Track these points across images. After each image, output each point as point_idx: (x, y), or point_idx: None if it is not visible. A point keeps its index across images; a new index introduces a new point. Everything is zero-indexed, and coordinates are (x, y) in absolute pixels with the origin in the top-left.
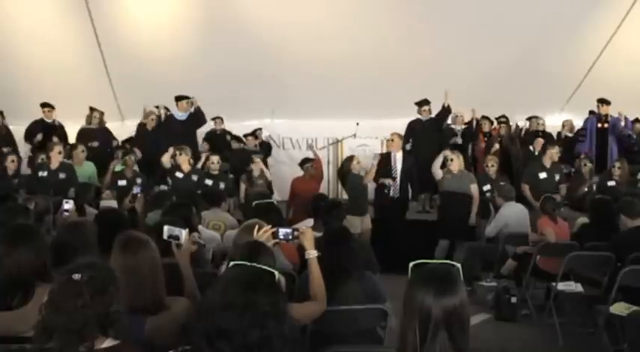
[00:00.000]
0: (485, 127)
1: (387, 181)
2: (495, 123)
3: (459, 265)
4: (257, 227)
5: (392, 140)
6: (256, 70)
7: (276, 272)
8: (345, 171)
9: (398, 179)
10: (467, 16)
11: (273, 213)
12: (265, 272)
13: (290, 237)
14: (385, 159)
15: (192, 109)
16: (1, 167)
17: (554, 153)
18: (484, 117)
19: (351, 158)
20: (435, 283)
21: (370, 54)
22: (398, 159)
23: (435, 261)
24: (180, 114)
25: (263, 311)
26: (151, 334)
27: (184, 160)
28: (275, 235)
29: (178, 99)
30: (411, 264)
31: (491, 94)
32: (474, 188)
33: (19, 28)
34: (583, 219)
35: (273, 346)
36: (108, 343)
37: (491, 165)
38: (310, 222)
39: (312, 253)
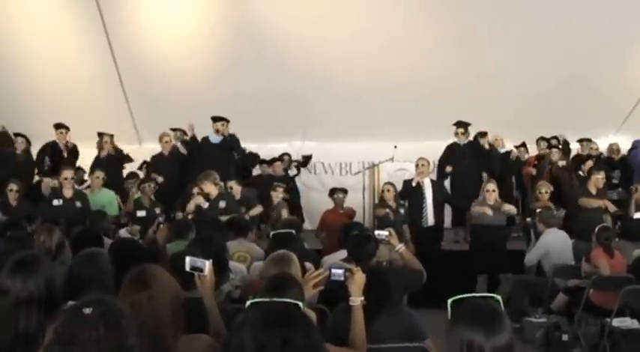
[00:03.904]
0: (540, 150)
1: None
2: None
3: (499, 297)
4: (311, 272)
5: (421, 165)
6: (285, 88)
7: (300, 303)
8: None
9: (430, 207)
10: (514, 35)
11: (291, 244)
12: (292, 305)
13: (341, 278)
14: (414, 187)
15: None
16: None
17: (599, 178)
18: (541, 139)
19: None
20: (484, 321)
21: (411, 73)
22: (427, 186)
23: (473, 294)
24: (214, 137)
25: (300, 346)
26: None
27: (208, 186)
28: (329, 276)
29: (212, 120)
30: (449, 301)
31: (541, 116)
32: (508, 207)
33: (30, 43)
34: (639, 251)
35: None
36: None
37: (545, 192)
38: (343, 253)
39: (357, 300)
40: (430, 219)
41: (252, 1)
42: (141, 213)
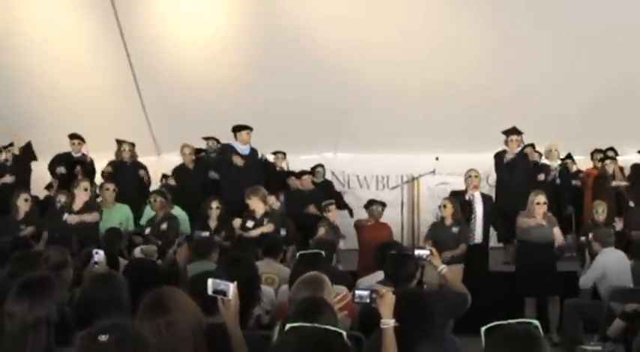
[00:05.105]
0: (596, 163)
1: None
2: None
3: (537, 322)
4: (336, 295)
5: (474, 177)
6: (317, 96)
7: (343, 333)
8: None
9: (479, 223)
10: (565, 40)
11: (319, 266)
12: (333, 332)
13: (367, 301)
14: (462, 200)
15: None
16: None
17: None
18: (597, 151)
19: None
20: (521, 348)
21: (454, 81)
22: (477, 200)
23: (509, 321)
24: (243, 148)
25: None
26: None
27: (256, 203)
28: (352, 298)
29: (237, 129)
30: (482, 329)
31: (595, 126)
32: (557, 232)
33: (44, 52)
34: None
35: None
36: None
37: (601, 211)
38: (380, 274)
39: (388, 323)
40: (479, 235)
41: (282, 3)
42: (147, 230)
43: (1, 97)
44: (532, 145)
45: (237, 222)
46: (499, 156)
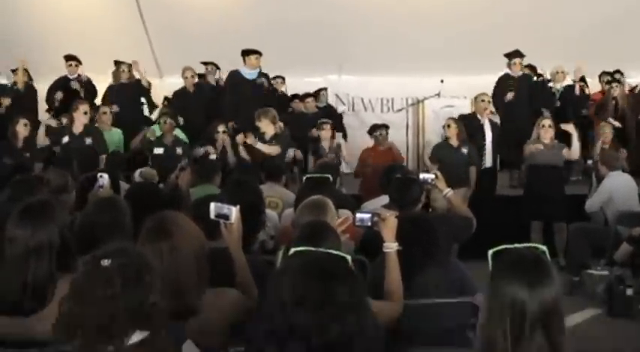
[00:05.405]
0: (604, 85)
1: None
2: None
3: (544, 248)
4: (338, 219)
5: (487, 102)
6: (320, 18)
7: (348, 257)
8: None
9: (489, 147)
10: None
11: (325, 189)
12: (338, 257)
13: (369, 224)
14: (472, 125)
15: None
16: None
17: None
18: (604, 73)
19: None
20: (528, 272)
21: (456, 1)
22: (487, 124)
23: (515, 245)
24: (250, 73)
25: (342, 302)
26: (194, 336)
27: (266, 124)
28: (353, 221)
29: (246, 53)
30: (490, 252)
31: (602, 47)
32: (567, 152)
33: None
34: None
35: (354, 344)
36: (137, 336)
37: (609, 131)
38: (385, 199)
39: (391, 246)
40: (489, 160)
41: None
42: (158, 151)
43: (1, 19)
44: (531, 67)
45: (240, 138)
46: (499, 87)
